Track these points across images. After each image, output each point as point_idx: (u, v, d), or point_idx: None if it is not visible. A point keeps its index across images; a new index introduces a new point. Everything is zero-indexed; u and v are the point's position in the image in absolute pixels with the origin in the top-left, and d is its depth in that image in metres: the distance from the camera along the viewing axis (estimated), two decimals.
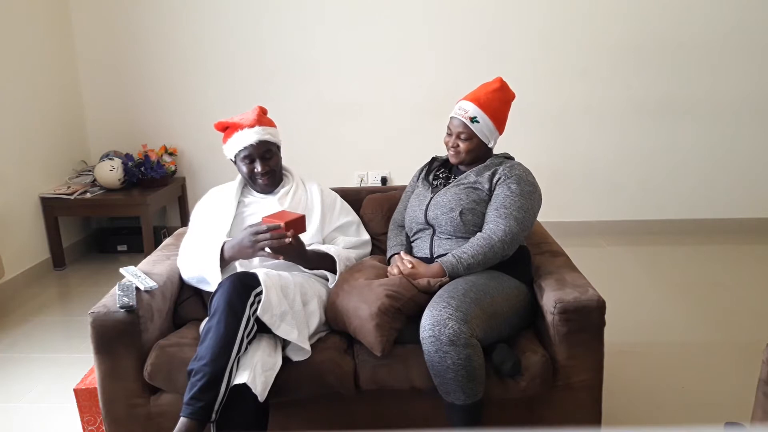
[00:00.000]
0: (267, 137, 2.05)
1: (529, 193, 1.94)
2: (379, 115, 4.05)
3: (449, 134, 2.05)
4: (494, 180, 1.97)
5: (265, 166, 2.06)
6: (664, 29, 3.87)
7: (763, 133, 3.99)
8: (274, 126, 2.12)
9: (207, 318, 1.73)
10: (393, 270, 1.92)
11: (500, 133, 2.05)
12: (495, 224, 1.89)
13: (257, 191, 2.15)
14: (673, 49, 3.89)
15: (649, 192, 4.11)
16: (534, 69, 3.93)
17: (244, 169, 2.08)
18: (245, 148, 2.04)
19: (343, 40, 3.96)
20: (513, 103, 2.07)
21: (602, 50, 3.91)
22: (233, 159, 2.10)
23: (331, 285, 1.99)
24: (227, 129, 2.10)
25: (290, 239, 1.81)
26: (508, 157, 2.11)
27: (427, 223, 2.02)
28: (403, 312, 1.80)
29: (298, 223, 1.84)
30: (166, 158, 4.03)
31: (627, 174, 4.09)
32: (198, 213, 2.17)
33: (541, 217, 2.17)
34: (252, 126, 2.04)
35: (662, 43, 3.88)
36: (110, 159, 3.88)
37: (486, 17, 3.90)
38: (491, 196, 1.97)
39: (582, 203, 4.13)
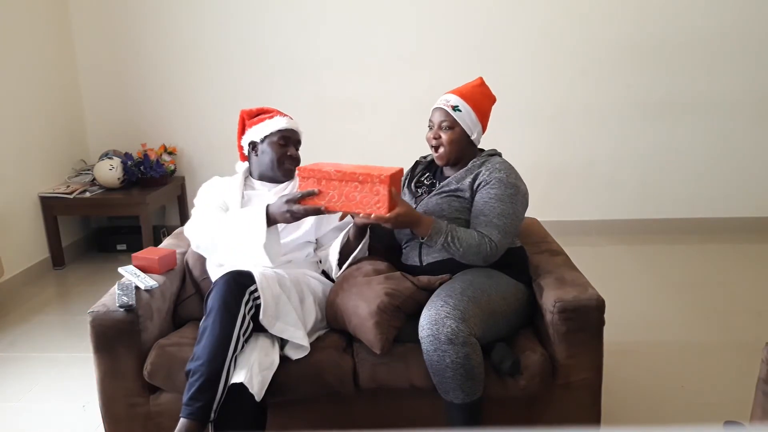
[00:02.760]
0: (298, 129, 2.17)
1: (510, 197, 1.87)
2: (378, 114, 4.05)
3: (430, 127, 2.01)
4: (475, 185, 1.91)
5: (297, 153, 2.14)
6: (663, 29, 3.87)
7: (762, 132, 3.99)
8: None
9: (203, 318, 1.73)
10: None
11: (483, 130, 2.01)
12: (483, 233, 1.84)
13: (268, 179, 2.13)
14: (672, 49, 3.89)
15: (649, 191, 4.11)
16: (533, 68, 3.93)
17: (273, 152, 2.08)
18: (284, 130, 2.10)
19: (343, 40, 3.96)
20: (512, 102, 2.09)
21: (601, 50, 3.91)
22: (259, 141, 2.10)
23: (335, 275, 2.00)
24: (259, 115, 2.15)
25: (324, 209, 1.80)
26: (492, 154, 2.03)
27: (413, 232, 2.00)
28: (403, 310, 1.80)
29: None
30: (166, 157, 4.02)
31: (626, 173, 4.09)
32: (205, 194, 2.15)
33: (540, 216, 2.17)
34: (288, 117, 2.15)
35: (661, 42, 3.88)
36: (109, 158, 3.87)
37: (486, 16, 3.89)
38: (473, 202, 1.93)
39: (581, 202, 4.13)
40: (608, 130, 4.03)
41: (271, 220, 1.85)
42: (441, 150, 1.98)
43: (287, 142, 2.10)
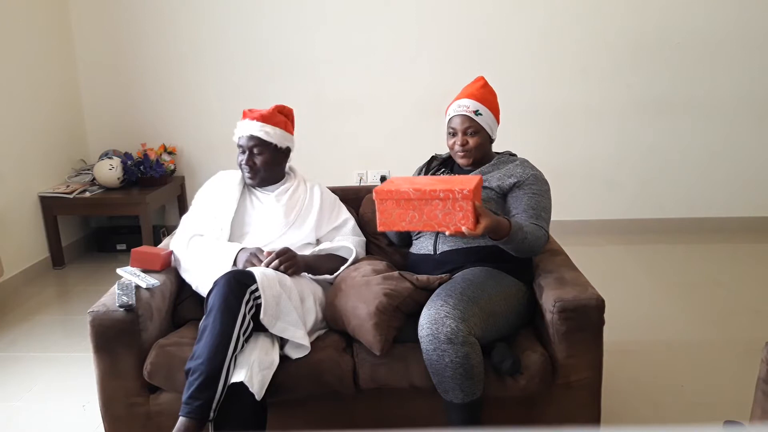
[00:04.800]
0: (260, 134, 2.05)
1: (546, 192, 1.99)
2: (378, 114, 4.05)
3: (453, 134, 2.03)
4: (508, 180, 1.96)
5: (249, 160, 2.08)
6: (663, 28, 3.87)
7: (761, 132, 3.99)
8: (284, 129, 2.11)
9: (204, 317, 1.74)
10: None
11: (498, 125, 2.07)
12: (536, 224, 1.89)
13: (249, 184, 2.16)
14: (671, 48, 3.89)
15: (648, 190, 4.11)
16: (533, 67, 3.93)
17: (238, 157, 2.11)
18: (240, 137, 2.09)
19: (343, 38, 3.96)
20: (512, 102, 2.10)
21: (601, 49, 3.91)
22: (237, 145, 2.13)
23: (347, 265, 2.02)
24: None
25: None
26: (512, 154, 2.12)
27: None
28: (402, 310, 1.80)
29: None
30: (165, 157, 4.02)
31: (626, 172, 4.09)
32: (202, 195, 2.18)
33: None
34: (254, 119, 2.08)
35: (661, 41, 3.88)
36: (109, 158, 3.87)
37: (485, 15, 3.89)
38: (501, 195, 1.97)
39: (581, 202, 4.12)
40: (608, 130, 4.03)
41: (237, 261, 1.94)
42: (467, 153, 2.01)
43: (243, 150, 2.09)
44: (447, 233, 1.71)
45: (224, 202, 2.10)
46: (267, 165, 2.09)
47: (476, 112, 1.98)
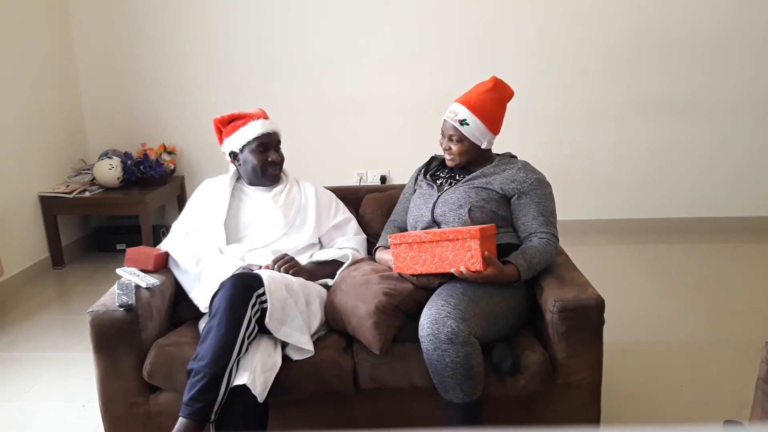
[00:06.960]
0: (277, 129, 2.12)
1: (550, 194, 2.00)
2: (378, 114, 4.05)
3: (442, 136, 2.05)
4: (511, 185, 1.96)
5: (278, 156, 2.11)
6: (663, 28, 3.87)
7: (761, 132, 3.99)
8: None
9: (206, 316, 1.73)
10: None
11: (495, 134, 2.03)
12: (547, 233, 1.91)
13: (257, 184, 2.15)
14: (671, 48, 3.89)
15: (648, 190, 4.11)
16: (533, 68, 3.93)
17: (255, 159, 2.08)
18: (261, 136, 2.08)
19: (343, 38, 3.96)
20: (512, 102, 2.06)
21: (601, 49, 3.91)
22: (238, 151, 2.11)
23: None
24: (233, 121, 2.12)
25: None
26: (512, 156, 2.11)
27: (434, 220, 2.01)
28: (402, 310, 1.80)
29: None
30: (165, 157, 4.02)
31: (626, 173, 4.09)
32: (192, 204, 2.18)
33: None
34: (262, 117, 2.11)
35: (661, 41, 3.88)
36: (109, 158, 3.87)
37: (485, 15, 3.90)
38: (503, 196, 1.96)
39: (581, 202, 4.12)
40: (608, 130, 4.03)
41: None
42: (451, 158, 2.03)
43: (266, 147, 2.09)
44: (454, 272, 1.74)
45: (215, 206, 2.09)
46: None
47: (462, 122, 1.97)
